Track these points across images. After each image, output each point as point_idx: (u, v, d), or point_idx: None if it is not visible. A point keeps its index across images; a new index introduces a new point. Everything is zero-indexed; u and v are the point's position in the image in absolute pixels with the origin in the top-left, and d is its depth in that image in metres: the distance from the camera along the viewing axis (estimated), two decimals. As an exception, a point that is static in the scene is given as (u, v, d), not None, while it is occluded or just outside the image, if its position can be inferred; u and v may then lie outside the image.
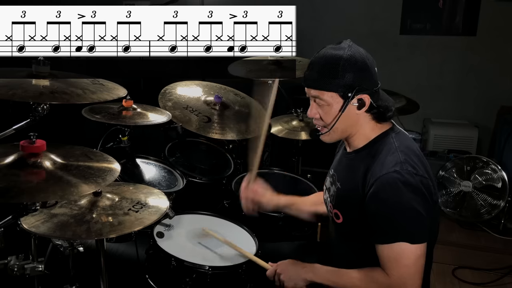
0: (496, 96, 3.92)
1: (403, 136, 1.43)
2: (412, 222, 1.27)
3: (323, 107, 1.39)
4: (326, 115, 1.39)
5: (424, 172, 1.33)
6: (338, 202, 1.47)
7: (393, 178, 1.28)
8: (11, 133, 1.48)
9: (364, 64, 1.35)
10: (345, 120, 1.38)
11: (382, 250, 1.31)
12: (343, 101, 1.35)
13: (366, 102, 1.36)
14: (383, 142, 1.39)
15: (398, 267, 1.28)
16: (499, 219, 3.31)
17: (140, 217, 1.39)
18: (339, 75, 1.33)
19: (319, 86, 1.37)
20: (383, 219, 1.30)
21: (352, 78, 1.33)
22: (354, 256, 1.45)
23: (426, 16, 3.95)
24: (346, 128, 1.41)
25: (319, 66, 1.37)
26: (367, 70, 1.36)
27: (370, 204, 1.32)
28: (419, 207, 1.27)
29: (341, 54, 1.34)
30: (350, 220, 1.43)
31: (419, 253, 1.28)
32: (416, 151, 1.38)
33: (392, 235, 1.28)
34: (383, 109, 1.39)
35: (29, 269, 1.51)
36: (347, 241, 1.49)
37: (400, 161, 1.30)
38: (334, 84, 1.34)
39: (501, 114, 3.89)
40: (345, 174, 1.47)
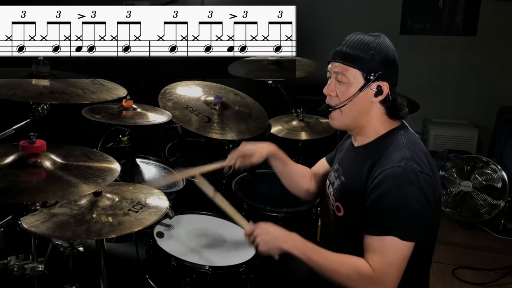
0: (496, 96, 3.92)
1: (411, 134, 1.43)
2: (408, 219, 1.27)
3: (342, 84, 1.39)
4: (343, 93, 1.40)
5: (430, 171, 1.32)
6: (341, 195, 1.47)
7: (397, 172, 1.28)
8: (11, 133, 1.48)
9: (393, 56, 1.41)
10: (359, 104, 1.39)
11: (371, 241, 1.29)
12: (363, 83, 1.37)
13: (384, 90, 1.38)
14: (391, 138, 1.40)
15: (384, 261, 1.26)
16: (499, 219, 3.31)
17: (140, 217, 1.39)
18: (368, 55, 1.36)
19: (347, 60, 1.38)
20: (380, 211, 1.29)
21: (379, 63, 1.37)
22: (353, 251, 1.44)
23: (426, 16, 3.94)
24: (357, 115, 1.41)
25: (352, 43, 1.39)
26: (394, 63, 1.41)
27: (370, 195, 1.32)
28: (417, 205, 1.27)
29: (375, 40, 1.39)
30: (350, 214, 1.43)
31: (406, 251, 1.27)
32: (423, 149, 1.39)
33: (385, 227, 1.28)
34: (397, 105, 1.41)
35: (29, 269, 1.51)
36: (347, 235, 1.48)
37: (406, 158, 1.30)
38: (361, 63, 1.37)
39: (501, 114, 3.89)
40: (350, 168, 1.47)
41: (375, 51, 1.37)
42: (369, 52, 1.37)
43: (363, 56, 1.36)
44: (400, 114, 1.43)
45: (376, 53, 1.37)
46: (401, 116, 1.44)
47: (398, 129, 1.43)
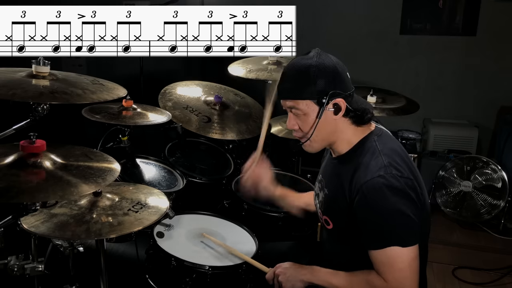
0: (496, 96, 3.92)
1: (386, 138, 1.43)
2: (401, 225, 1.27)
3: (300, 117, 1.39)
4: (304, 124, 1.39)
5: (409, 174, 1.32)
6: (327, 208, 1.48)
7: (378, 183, 1.27)
8: (11, 133, 1.48)
9: (334, 69, 1.35)
10: (324, 127, 1.38)
11: (375, 256, 1.31)
12: (318, 108, 1.35)
13: (342, 106, 1.35)
14: (365, 146, 1.39)
15: (393, 271, 1.28)
16: (499, 219, 3.31)
17: (139, 217, 1.39)
18: (311, 82, 1.33)
19: (293, 95, 1.37)
20: (373, 225, 1.30)
21: (324, 83, 1.33)
22: (347, 258, 1.46)
23: (426, 16, 3.94)
24: (326, 136, 1.41)
25: (291, 76, 1.37)
26: (338, 75, 1.36)
27: (358, 211, 1.31)
28: (407, 210, 1.27)
29: (310, 62, 1.34)
30: (339, 227, 1.44)
31: (412, 255, 1.28)
32: (400, 152, 1.38)
33: (383, 240, 1.28)
34: (360, 112, 1.39)
35: (29, 269, 1.51)
36: (339, 244, 1.49)
37: (384, 165, 1.30)
38: (308, 92, 1.34)
39: (501, 114, 3.88)
40: (331, 180, 1.48)
41: (315, 74, 1.33)
42: (310, 77, 1.33)
43: (307, 84, 1.34)
44: (367, 118, 1.41)
45: (317, 75, 1.33)
46: (369, 119, 1.42)
47: (371, 134, 1.42)
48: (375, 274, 1.32)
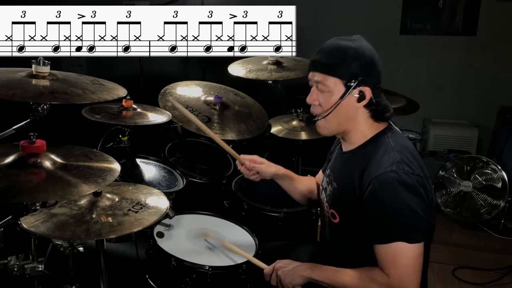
0: (496, 96, 3.92)
1: (399, 135, 1.43)
2: (409, 221, 1.27)
3: (324, 93, 1.39)
4: (326, 102, 1.39)
5: (420, 171, 1.33)
6: (335, 202, 1.47)
7: (389, 177, 1.27)
8: (11, 133, 1.48)
9: (371, 58, 1.37)
10: (343, 111, 1.38)
11: (380, 250, 1.31)
12: (345, 90, 1.35)
13: (367, 95, 1.36)
14: (379, 141, 1.39)
15: (397, 266, 1.28)
16: (499, 219, 3.31)
17: (139, 217, 1.39)
18: (346, 62, 1.34)
19: (325, 70, 1.37)
20: (380, 219, 1.30)
21: (358, 68, 1.34)
22: (349, 257, 1.45)
23: (426, 16, 3.94)
24: (343, 121, 1.40)
25: (328, 51, 1.38)
26: (373, 65, 1.37)
27: (367, 204, 1.31)
28: (416, 207, 1.27)
29: (351, 44, 1.36)
30: (346, 221, 1.43)
31: (417, 252, 1.28)
32: (411, 150, 1.38)
33: (389, 235, 1.28)
34: (382, 107, 1.39)
35: (29, 269, 1.50)
36: (343, 241, 1.49)
37: (396, 161, 1.30)
38: (340, 70, 1.35)
39: (501, 114, 3.89)
40: (341, 174, 1.47)
41: (352, 57, 1.34)
42: (346, 57, 1.34)
43: (341, 64, 1.35)
44: (386, 116, 1.41)
45: (354, 58, 1.34)
46: (387, 117, 1.42)
47: (385, 131, 1.42)
48: (379, 270, 1.31)
